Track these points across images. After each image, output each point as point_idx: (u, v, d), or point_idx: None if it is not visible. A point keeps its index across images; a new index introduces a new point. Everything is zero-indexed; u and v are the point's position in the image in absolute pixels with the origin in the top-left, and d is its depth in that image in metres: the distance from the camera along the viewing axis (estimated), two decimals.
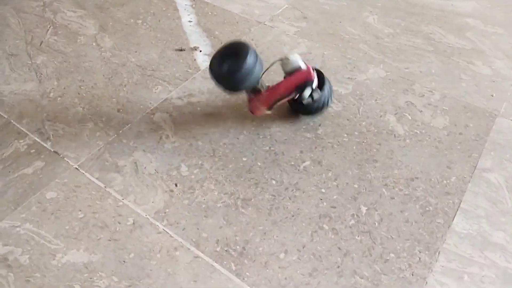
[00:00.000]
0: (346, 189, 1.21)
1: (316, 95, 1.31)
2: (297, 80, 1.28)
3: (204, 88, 1.50)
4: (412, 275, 1.05)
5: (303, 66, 1.28)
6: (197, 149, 1.31)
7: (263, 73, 1.27)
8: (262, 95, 1.30)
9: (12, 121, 1.39)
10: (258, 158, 1.29)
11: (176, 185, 1.21)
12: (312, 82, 1.27)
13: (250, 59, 1.19)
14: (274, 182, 1.22)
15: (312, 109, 1.36)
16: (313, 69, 1.29)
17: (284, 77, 1.32)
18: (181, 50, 1.65)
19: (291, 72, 1.29)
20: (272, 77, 1.36)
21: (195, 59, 1.62)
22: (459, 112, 1.43)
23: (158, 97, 1.47)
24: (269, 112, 1.34)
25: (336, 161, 1.28)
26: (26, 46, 1.66)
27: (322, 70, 1.54)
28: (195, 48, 1.67)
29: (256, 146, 1.32)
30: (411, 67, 1.59)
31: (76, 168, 1.25)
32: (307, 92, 1.28)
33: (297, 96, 1.31)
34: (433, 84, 1.53)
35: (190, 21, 1.79)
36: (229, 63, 1.21)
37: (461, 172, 1.26)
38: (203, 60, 1.61)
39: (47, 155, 1.28)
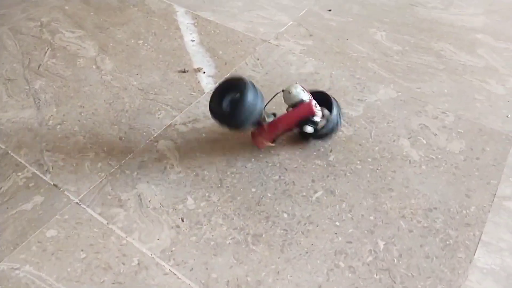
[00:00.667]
0: (362, 222, 1.15)
1: (323, 122, 1.28)
2: (299, 115, 1.24)
3: (209, 112, 1.44)
4: None
5: (306, 99, 1.24)
6: (204, 180, 1.25)
7: (265, 105, 1.24)
8: (264, 129, 1.26)
9: (10, 151, 1.33)
10: (267, 188, 1.23)
11: (182, 220, 1.15)
12: (314, 117, 1.23)
13: (250, 96, 1.15)
14: (285, 215, 1.16)
15: (322, 134, 1.31)
16: (315, 103, 1.24)
17: (287, 109, 1.27)
18: (184, 71, 1.60)
19: (293, 105, 1.24)
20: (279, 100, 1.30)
21: (199, 81, 1.57)
22: (475, 135, 1.37)
23: (161, 123, 1.42)
24: (272, 144, 1.29)
25: (349, 191, 1.22)
26: (23, 70, 1.60)
27: (330, 92, 1.49)
28: (198, 70, 1.61)
29: (265, 175, 1.26)
30: (423, 87, 1.54)
31: (77, 203, 1.19)
32: (309, 129, 1.24)
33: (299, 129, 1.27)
34: (447, 105, 1.47)
35: (192, 40, 1.74)
36: (229, 101, 1.19)
37: (480, 201, 1.20)
38: (207, 83, 1.56)
39: (47, 189, 1.22)
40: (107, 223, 1.14)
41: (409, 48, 1.71)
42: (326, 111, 1.30)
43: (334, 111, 1.29)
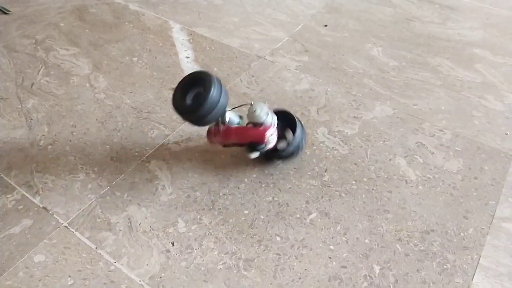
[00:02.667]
0: (357, 245, 1.12)
1: (283, 144, 1.27)
2: (249, 137, 1.20)
3: (202, 131, 1.42)
4: None
5: (267, 123, 1.19)
6: (195, 201, 1.23)
7: (232, 109, 1.23)
8: (218, 131, 1.22)
9: (0, 173, 1.31)
10: (260, 210, 1.20)
11: (172, 244, 1.13)
12: (262, 146, 1.20)
13: (214, 92, 1.10)
14: (278, 238, 1.14)
15: (283, 155, 1.29)
16: (271, 133, 1.20)
17: (247, 123, 1.23)
18: None
19: (253, 123, 1.20)
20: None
21: None
22: (473, 154, 1.35)
23: (154, 142, 1.40)
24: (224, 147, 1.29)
25: (344, 212, 1.19)
26: (16, 89, 1.59)
27: (326, 109, 1.48)
28: None
29: (258, 196, 1.24)
30: (420, 104, 1.52)
31: (65, 226, 1.17)
32: (252, 155, 1.21)
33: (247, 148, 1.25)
34: (444, 122, 1.45)
35: (187, 57, 1.73)
36: (193, 96, 1.14)
37: (478, 222, 1.17)
38: None
39: (36, 212, 1.20)
40: (96, 248, 1.12)
41: (405, 64, 1.69)
42: (290, 133, 1.27)
43: (298, 132, 1.25)
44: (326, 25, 1.90)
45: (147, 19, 1.93)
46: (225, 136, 1.22)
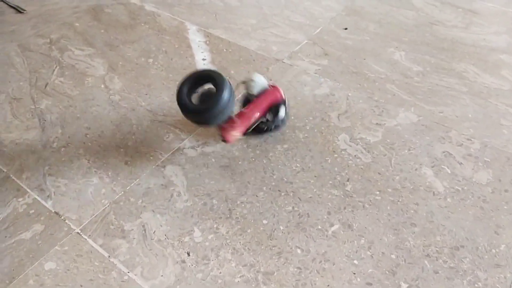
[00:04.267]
0: (383, 261, 1.06)
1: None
2: (271, 100, 1.21)
3: (219, 136, 1.38)
4: None
5: (266, 87, 1.22)
6: (212, 209, 1.18)
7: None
8: (235, 122, 1.20)
9: (11, 175, 1.27)
10: (280, 220, 1.15)
11: (188, 254, 1.08)
12: (285, 100, 1.22)
13: (226, 94, 1.10)
14: (299, 251, 1.08)
15: (267, 129, 1.31)
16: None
17: (250, 100, 1.23)
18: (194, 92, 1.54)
19: (258, 93, 1.21)
20: None
21: None
22: (502, 165, 1.28)
23: (169, 147, 1.35)
24: (241, 136, 1.28)
25: (369, 225, 1.13)
26: (30, 89, 1.56)
27: (347, 114, 1.43)
28: None
29: (278, 205, 1.18)
30: (446, 111, 1.45)
31: (78, 232, 1.13)
32: (282, 112, 1.25)
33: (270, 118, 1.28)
34: (471, 131, 1.38)
35: (204, 59, 1.69)
36: (201, 95, 1.13)
37: (510, 238, 1.11)
38: None
39: (47, 217, 1.16)
40: (109, 256, 1.07)
41: (430, 69, 1.63)
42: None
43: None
44: (346, 28, 1.84)
45: (163, 20, 1.90)
46: (246, 121, 1.21)
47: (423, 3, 1.97)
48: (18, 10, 1.98)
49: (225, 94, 1.09)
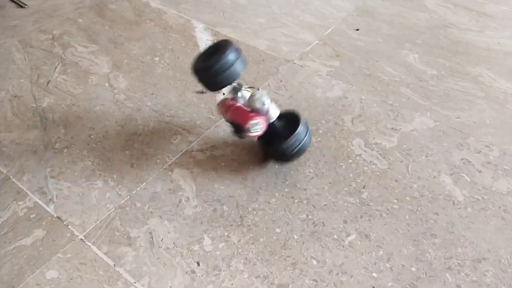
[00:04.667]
0: (403, 274, 1.01)
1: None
2: (236, 116, 1.18)
3: (228, 138, 1.33)
4: None
5: (260, 112, 1.17)
6: (222, 216, 1.13)
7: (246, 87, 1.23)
8: (225, 103, 1.21)
9: (11, 177, 1.22)
10: (294, 229, 1.10)
11: (198, 263, 1.02)
12: (241, 131, 1.18)
13: (230, 55, 1.12)
14: (315, 262, 1.03)
15: (279, 150, 1.21)
16: (257, 121, 1.18)
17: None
18: (202, 92, 1.48)
19: (249, 106, 1.19)
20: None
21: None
22: None
23: (176, 149, 1.30)
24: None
25: (387, 235, 1.08)
26: (31, 86, 1.50)
27: (361, 118, 1.38)
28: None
29: (291, 213, 1.13)
30: (463, 116, 1.41)
31: (81, 239, 1.07)
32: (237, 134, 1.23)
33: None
34: (490, 137, 1.34)
35: None
36: (209, 58, 1.14)
37: None
38: None
39: (49, 222, 1.11)
40: (114, 265, 1.02)
41: (444, 73, 1.58)
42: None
43: (299, 129, 1.20)
44: (357, 29, 1.79)
45: (169, 17, 1.84)
46: (226, 109, 1.21)
47: (436, 5, 1.92)
48: (20, 4, 1.91)
49: (228, 54, 1.11)
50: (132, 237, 1.07)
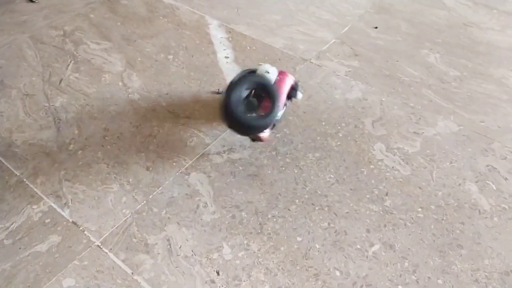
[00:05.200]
0: (429, 286, 0.98)
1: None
2: (287, 86, 1.21)
3: (245, 141, 1.29)
4: None
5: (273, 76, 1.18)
6: (241, 223, 1.10)
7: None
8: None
9: (25, 179, 1.19)
10: (315, 238, 1.06)
11: (218, 273, 1.00)
12: (297, 82, 1.23)
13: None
14: (338, 273, 1.00)
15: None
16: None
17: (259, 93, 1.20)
18: (218, 93, 1.45)
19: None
20: None
21: None
22: None
23: (193, 152, 1.27)
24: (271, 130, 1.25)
25: (412, 246, 1.05)
26: (43, 85, 1.47)
27: (382, 121, 1.34)
28: None
29: (312, 221, 1.10)
30: (487, 121, 1.36)
31: (98, 245, 1.05)
32: (299, 94, 1.28)
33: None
34: None
35: (226, 57, 1.59)
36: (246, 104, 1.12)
37: None
38: None
39: (65, 227, 1.08)
40: (132, 273, 0.99)
41: (467, 74, 1.53)
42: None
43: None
44: (376, 27, 1.74)
45: (182, 13, 1.80)
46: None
47: (455, 3, 1.87)
48: None
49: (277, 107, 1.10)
50: (150, 244, 1.05)
